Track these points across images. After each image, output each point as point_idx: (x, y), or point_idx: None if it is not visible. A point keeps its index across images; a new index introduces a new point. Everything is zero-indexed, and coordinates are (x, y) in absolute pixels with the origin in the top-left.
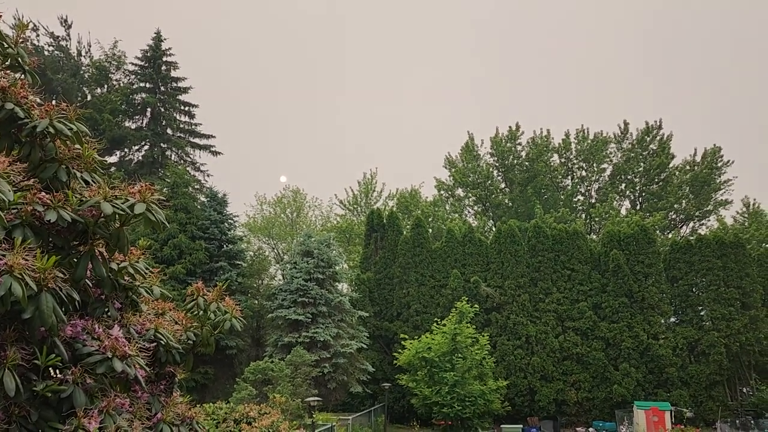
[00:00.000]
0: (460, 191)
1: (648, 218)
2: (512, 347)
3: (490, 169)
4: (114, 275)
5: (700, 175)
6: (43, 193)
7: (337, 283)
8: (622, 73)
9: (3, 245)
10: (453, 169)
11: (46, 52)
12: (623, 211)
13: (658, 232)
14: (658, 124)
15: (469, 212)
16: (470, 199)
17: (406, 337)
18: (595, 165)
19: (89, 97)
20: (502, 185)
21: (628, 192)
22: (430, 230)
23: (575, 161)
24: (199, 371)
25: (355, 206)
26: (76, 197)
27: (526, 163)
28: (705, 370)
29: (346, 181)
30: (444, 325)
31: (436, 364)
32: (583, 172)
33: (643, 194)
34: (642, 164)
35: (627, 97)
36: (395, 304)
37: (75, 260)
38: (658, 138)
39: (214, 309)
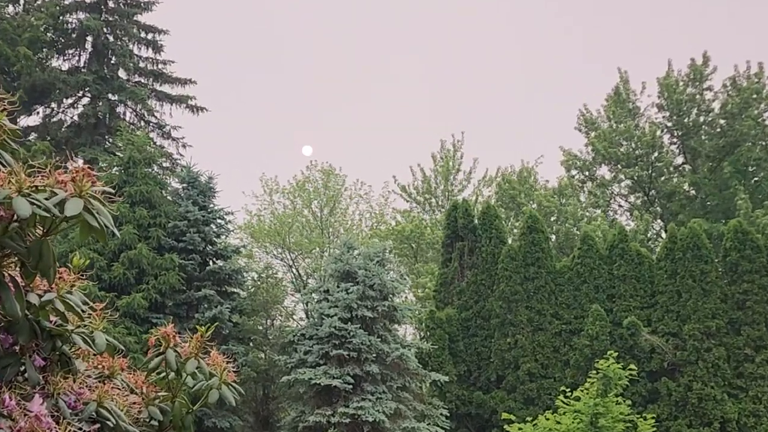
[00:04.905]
0: (605, 170)
1: None
2: None
3: (658, 133)
4: (34, 314)
5: None
6: None
7: (396, 326)
8: None
9: None
10: (593, 134)
11: None
12: None
13: None
14: None
15: (620, 206)
16: (623, 184)
17: (513, 418)
18: None
19: None
20: (679, 160)
21: None
22: (553, 237)
23: None
24: None
25: (427, 196)
26: None
27: (722, 122)
28: None
29: (410, 158)
30: (577, 398)
31: None
32: None
33: None
34: None
35: None
36: (493, 363)
37: None
38: None
39: (193, 369)
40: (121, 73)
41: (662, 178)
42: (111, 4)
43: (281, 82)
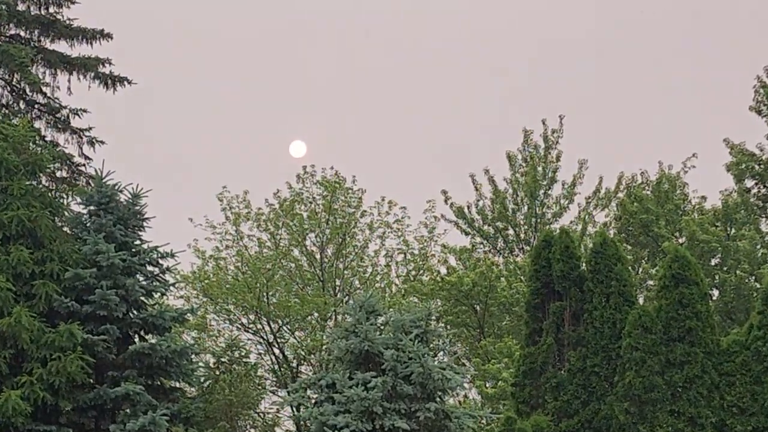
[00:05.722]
0: None
1: None
2: None
3: None
4: None
5: None
6: None
7: None
8: None
9: None
10: None
11: None
12: None
13: None
14: None
15: None
16: None
17: None
18: None
19: None
20: None
21: None
22: (715, 292)
23: None
24: None
25: (501, 225)
26: None
27: None
28: None
29: (470, 164)
30: None
31: None
32: None
33: None
34: None
35: None
36: None
37: None
38: None
39: None
40: None
41: None
42: None
43: (257, 41)
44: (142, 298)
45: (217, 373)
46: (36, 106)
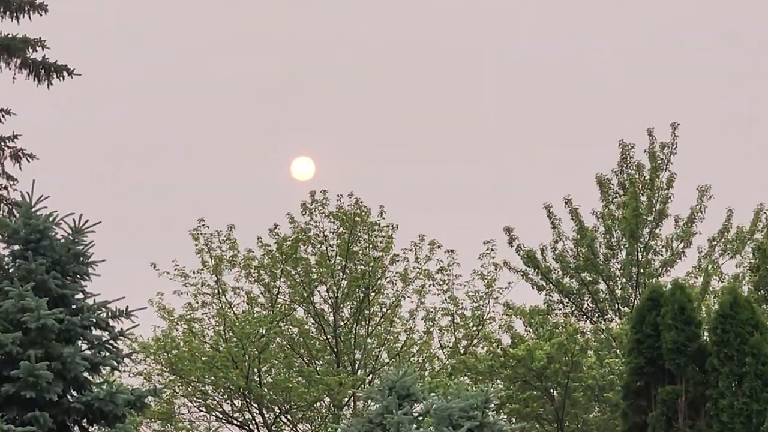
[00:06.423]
0: None
1: None
2: None
3: None
4: None
5: None
6: None
7: None
8: None
9: None
10: None
11: None
12: None
13: None
14: None
15: None
16: None
17: None
18: None
19: None
20: None
21: None
22: None
23: None
24: None
25: (589, 276)
26: None
27: None
28: None
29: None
30: None
31: None
32: None
33: None
34: None
35: None
36: None
37: None
38: None
39: None
40: None
41: None
42: None
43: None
44: (86, 374)
45: None
46: None
